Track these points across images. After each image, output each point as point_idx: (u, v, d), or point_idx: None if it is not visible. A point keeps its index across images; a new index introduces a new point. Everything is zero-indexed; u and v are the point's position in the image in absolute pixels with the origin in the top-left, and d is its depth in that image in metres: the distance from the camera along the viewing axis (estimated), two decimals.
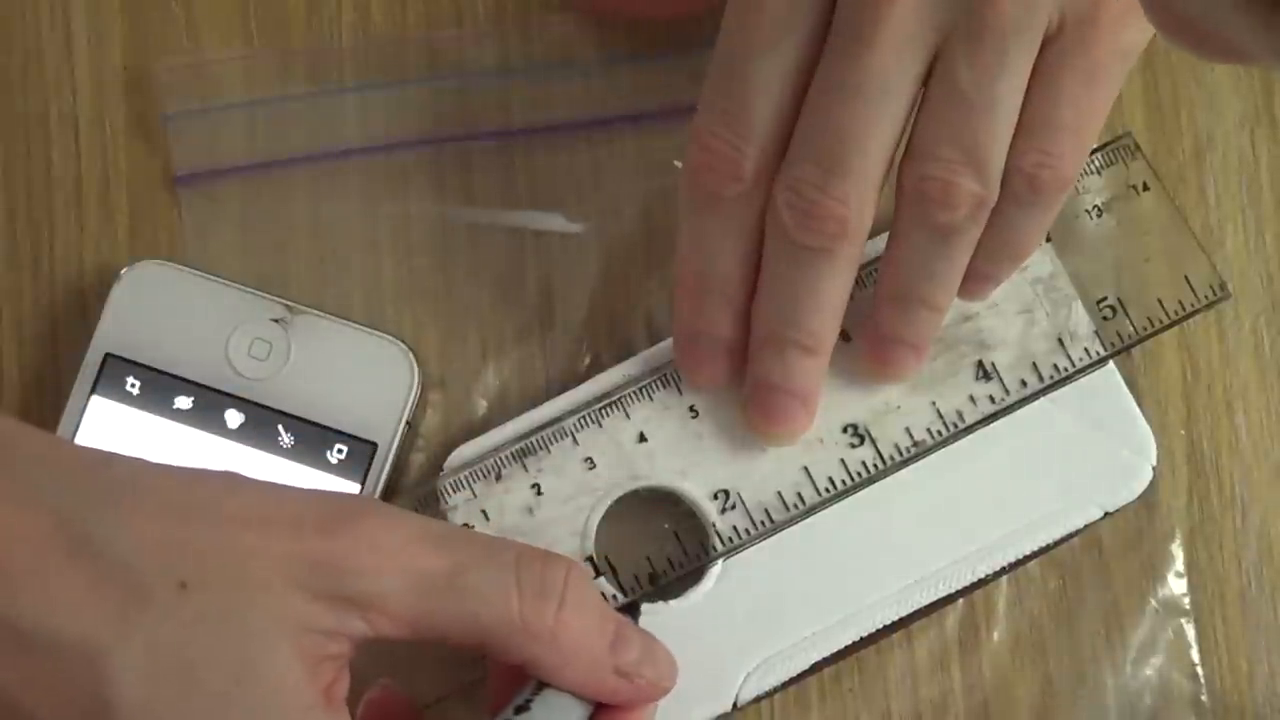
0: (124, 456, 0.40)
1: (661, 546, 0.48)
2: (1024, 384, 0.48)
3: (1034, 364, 0.48)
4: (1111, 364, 0.49)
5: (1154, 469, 0.49)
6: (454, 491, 0.47)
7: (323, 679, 0.39)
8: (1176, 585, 0.51)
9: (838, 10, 0.42)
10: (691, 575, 0.48)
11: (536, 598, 0.40)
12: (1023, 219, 0.44)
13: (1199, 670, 0.51)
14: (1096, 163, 0.49)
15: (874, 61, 0.42)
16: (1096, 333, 0.49)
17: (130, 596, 0.37)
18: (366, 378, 0.49)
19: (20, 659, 0.37)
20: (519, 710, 0.41)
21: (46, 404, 0.50)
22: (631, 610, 0.47)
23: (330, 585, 0.38)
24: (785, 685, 0.48)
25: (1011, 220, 0.44)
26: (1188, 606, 0.51)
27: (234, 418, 0.49)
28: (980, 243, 0.44)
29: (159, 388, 0.49)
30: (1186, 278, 0.49)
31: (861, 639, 0.48)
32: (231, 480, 0.40)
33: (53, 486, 0.38)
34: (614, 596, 0.47)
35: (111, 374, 0.49)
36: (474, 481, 0.47)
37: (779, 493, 0.48)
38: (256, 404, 0.49)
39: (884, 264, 0.45)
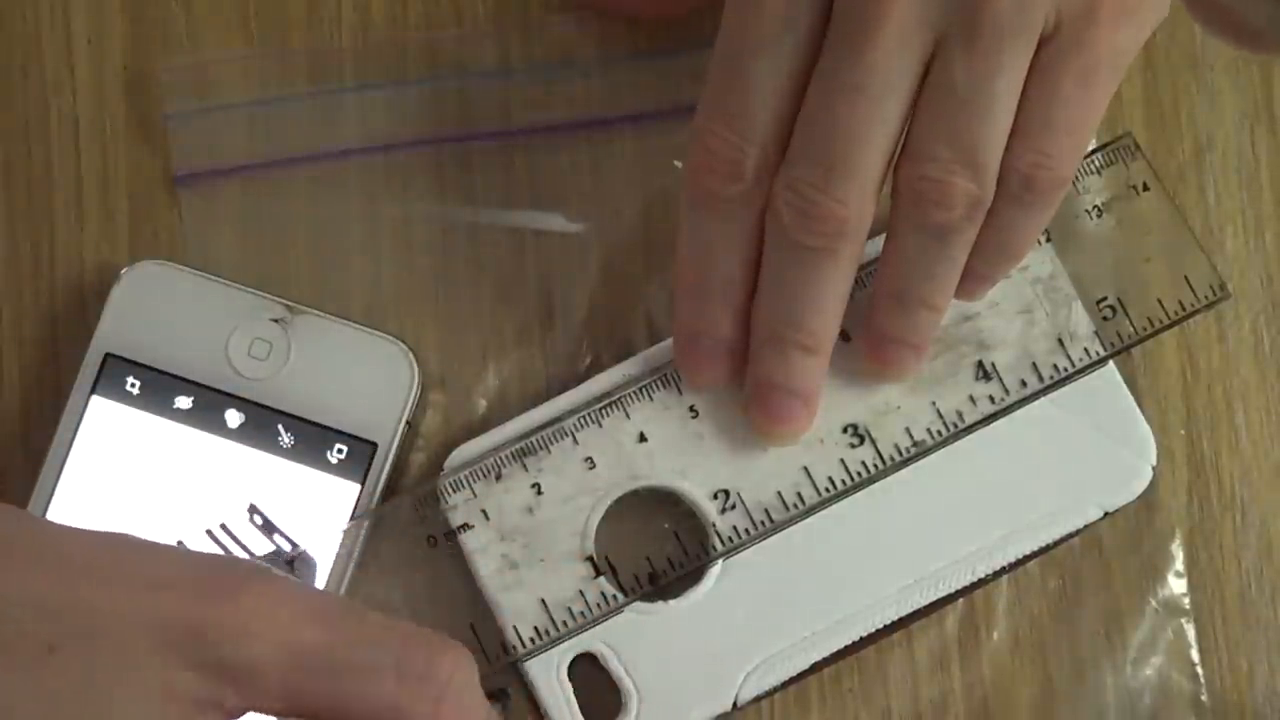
0: (10, 509, 0.39)
1: (661, 546, 0.48)
2: (1024, 384, 0.48)
3: (1034, 364, 0.48)
4: (1111, 364, 0.49)
5: (1154, 469, 0.49)
6: (454, 491, 0.47)
7: None
8: (1176, 585, 0.51)
9: (836, 9, 0.42)
10: (691, 575, 0.48)
11: (417, 683, 0.39)
12: (1019, 219, 0.44)
13: (1199, 670, 0.51)
14: (1096, 163, 0.49)
15: (872, 61, 0.42)
16: (1096, 333, 0.49)
17: None
18: (366, 378, 0.49)
19: None
20: None
21: (46, 404, 0.50)
22: (503, 696, 0.47)
23: (205, 654, 0.37)
24: (785, 685, 0.48)
25: (1008, 220, 0.44)
26: (1187, 606, 0.51)
27: (234, 418, 0.49)
28: (977, 242, 0.44)
29: (159, 388, 0.49)
30: (1186, 278, 0.49)
31: (861, 639, 0.48)
32: (115, 540, 0.39)
33: None
34: (485, 677, 0.46)
35: (111, 374, 0.49)
36: (474, 481, 0.47)
37: (779, 493, 0.48)
38: (256, 404, 0.49)
39: (881, 264, 0.45)
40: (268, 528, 0.48)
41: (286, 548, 0.48)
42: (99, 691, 0.37)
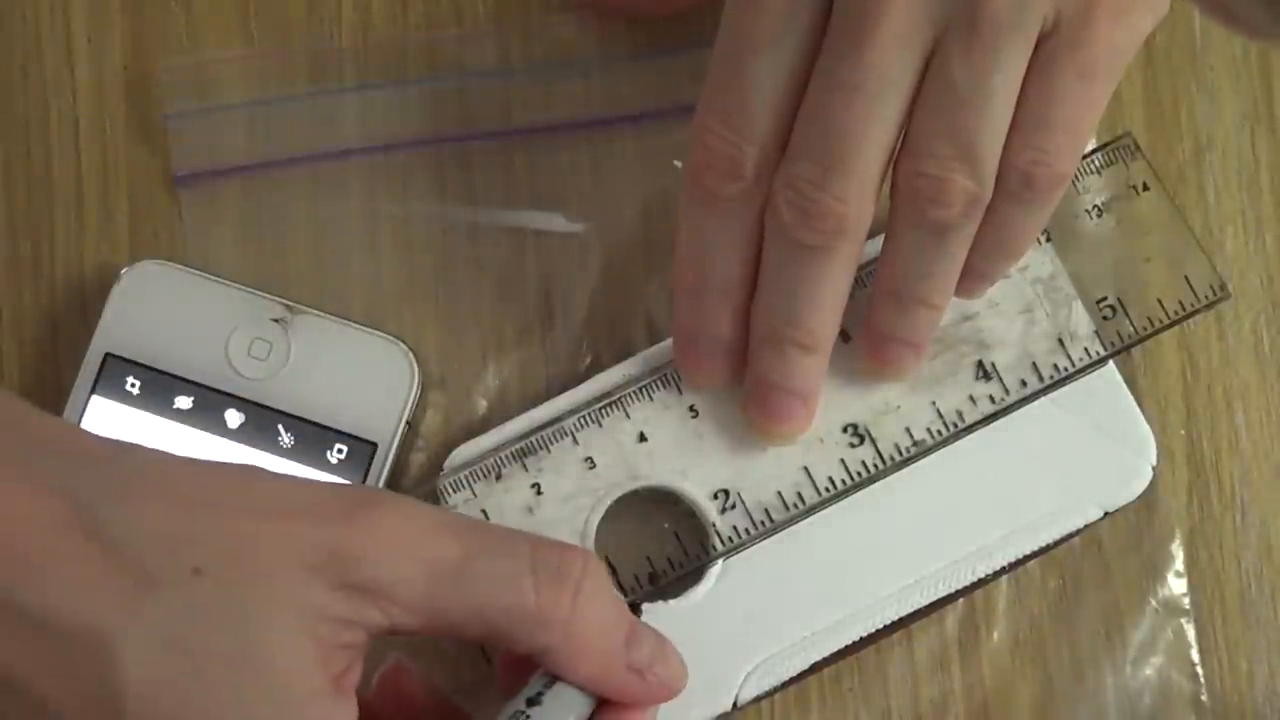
0: (141, 446, 0.40)
1: (661, 546, 0.48)
2: (1024, 384, 0.48)
3: (1034, 364, 0.48)
4: (1111, 364, 0.49)
5: (1154, 469, 0.49)
6: (454, 491, 0.47)
7: (334, 668, 0.39)
8: (1176, 585, 0.51)
9: (836, 7, 0.42)
10: (691, 575, 0.48)
11: (553, 585, 0.40)
12: (1018, 216, 0.44)
13: (1199, 670, 0.51)
14: (1096, 163, 0.49)
15: (871, 59, 0.42)
16: (1096, 333, 0.49)
17: (141, 581, 0.37)
18: (366, 378, 0.49)
19: (29, 642, 0.37)
20: (530, 702, 0.41)
21: (47, 404, 0.50)
22: (634, 610, 0.47)
23: (345, 574, 0.38)
24: (785, 685, 0.48)
25: (1007, 217, 0.44)
26: (1187, 606, 0.51)
27: (234, 418, 0.49)
28: (976, 240, 0.44)
29: (159, 388, 0.49)
30: (1186, 278, 0.49)
31: (861, 639, 0.48)
32: (248, 472, 0.40)
33: (68, 473, 0.38)
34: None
35: (111, 374, 0.49)
36: (474, 481, 0.47)
37: (779, 493, 0.48)
38: (256, 404, 0.49)
39: (880, 262, 0.45)
40: None
41: None
42: (247, 610, 0.37)
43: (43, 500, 0.38)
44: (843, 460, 0.48)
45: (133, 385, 0.49)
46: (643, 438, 0.48)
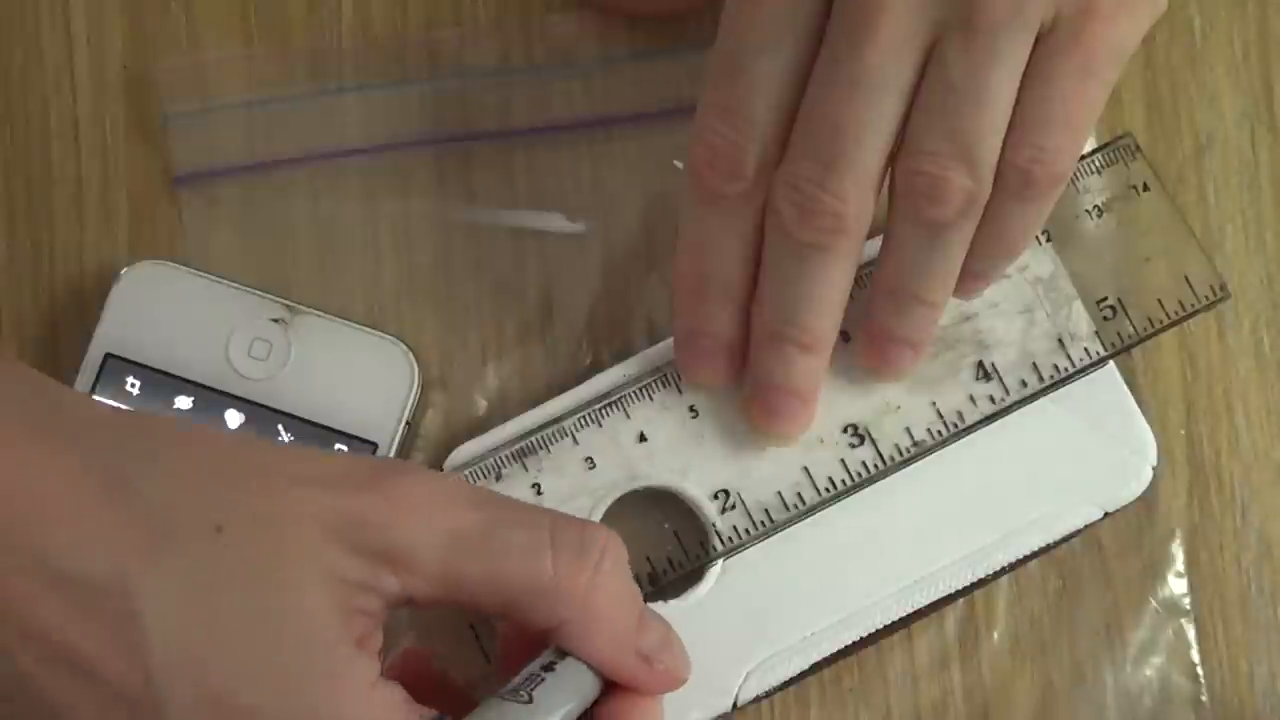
0: (159, 416, 0.40)
1: (661, 546, 0.48)
2: (1024, 384, 0.48)
3: (1034, 364, 0.48)
4: (1111, 364, 0.49)
5: (1154, 469, 0.49)
6: None
7: (354, 630, 0.39)
8: (1176, 585, 0.51)
9: (835, 7, 0.43)
10: (691, 575, 0.48)
11: (573, 558, 0.40)
12: (1017, 214, 0.44)
13: (1199, 670, 0.51)
14: (1097, 163, 0.49)
15: (871, 57, 0.42)
16: (1096, 333, 0.49)
17: (164, 536, 0.37)
18: (366, 378, 0.49)
19: (52, 595, 0.37)
20: (545, 668, 0.40)
21: None
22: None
23: (365, 539, 0.38)
24: (785, 685, 0.48)
25: (1005, 216, 0.44)
26: (1188, 606, 0.51)
27: (234, 418, 0.49)
28: (974, 239, 0.44)
29: (159, 388, 0.49)
30: (1186, 278, 0.49)
31: (861, 639, 0.48)
32: (267, 442, 0.40)
33: (87, 435, 0.39)
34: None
35: (111, 374, 0.49)
36: (474, 481, 0.47)
37: (779, 493, 0.48)
38: (256, 404, 0.49)
39: (879, 261, 0.45)
40: None
41: None
42: (268, 565, 0.38)
43: (63, 459, 0.38)
44: (843, 460, 0.48)
45: (133, 385, 0.49)
46: (643, 438, 0.48)
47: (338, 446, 0.49)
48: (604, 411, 0.48)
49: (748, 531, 0.48)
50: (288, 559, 0.38)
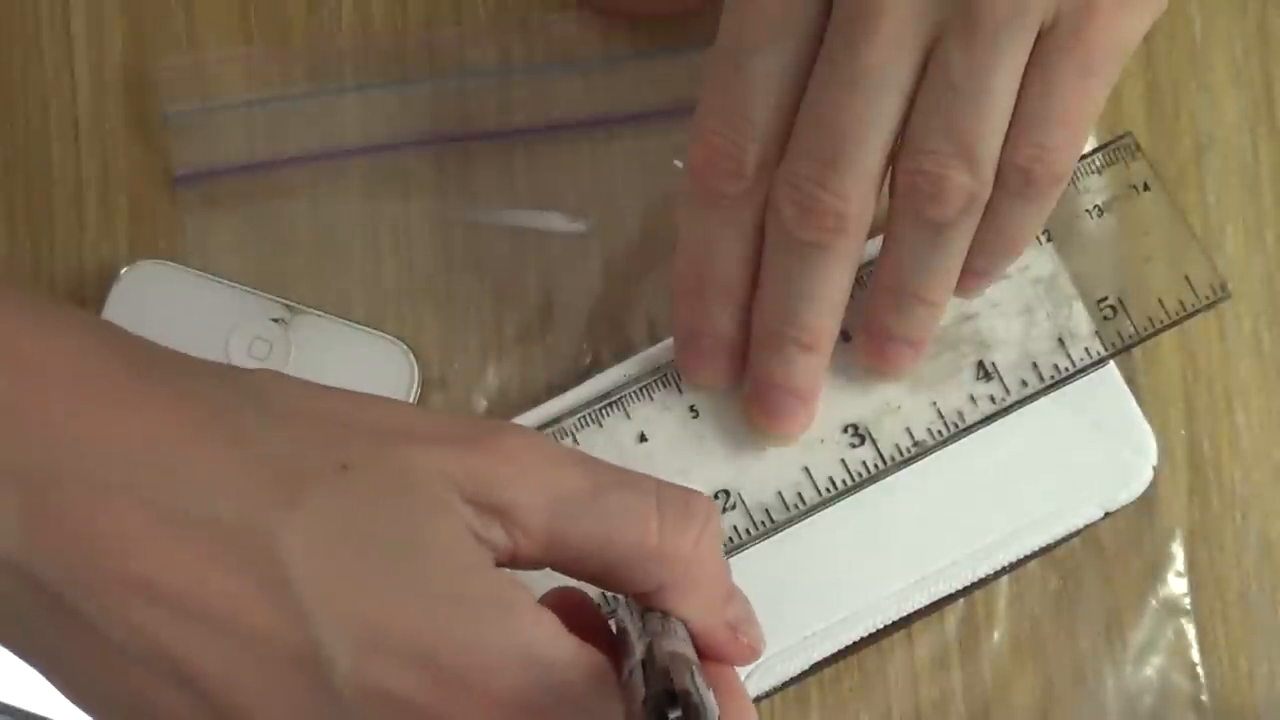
0: (257, 370, 0.40)
1: None
2: (1024, 384, 0.48)
3: (1034, 364, 0.48)
4: (1112, 364, 0.49)
5: (1154, 469, 0.49)
6: None
7: None
8: (1176, 585, 0.51)
9: (835, 6, 0.43)
10: None
11: (679, 522, 0.39)
12: (1018, 213, 0.44)
13: (1199, 670, 0.51)
14: (1097, 163, 0.49)
15: (871, 56, 0.42)
16: (1097, 333, 0.49)
17: (290, 476, 0.37)
18: (367, 378, 0.49)
19: (185, 549, 0.36)
20: (663, 616, 0.40)
21: None
22: None
23: (476, 490, 0.38)
24: (785, 685, 0.48)
25: (1006, 214, 0.44)
26: (1188, 606, 0.51)
27: None
28: (975, 238, 0.45)
29: None
30: (1187, 277, 0.49)
31: (861, 639, 0.48)
32: (372, 395, 0.40)
33: (195, 386, 0.38)
34: None
35: None
36: None
37: (779, 493, 0.48)
38: None
39: (880, 260, 0.45)
40: None
41: None
42: (400, 501, 0.37)
43: (181, 408, 0.37)
44: (843, 460, 0.48)
45: None
46: (643, 438, 0.48)
47: None
48: (604, 411, 0.48)
49: (748, 531, 0.48)
50: (417, 493, 0.37)
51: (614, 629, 0.41)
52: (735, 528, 0.48)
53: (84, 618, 0.36)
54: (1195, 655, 0.51)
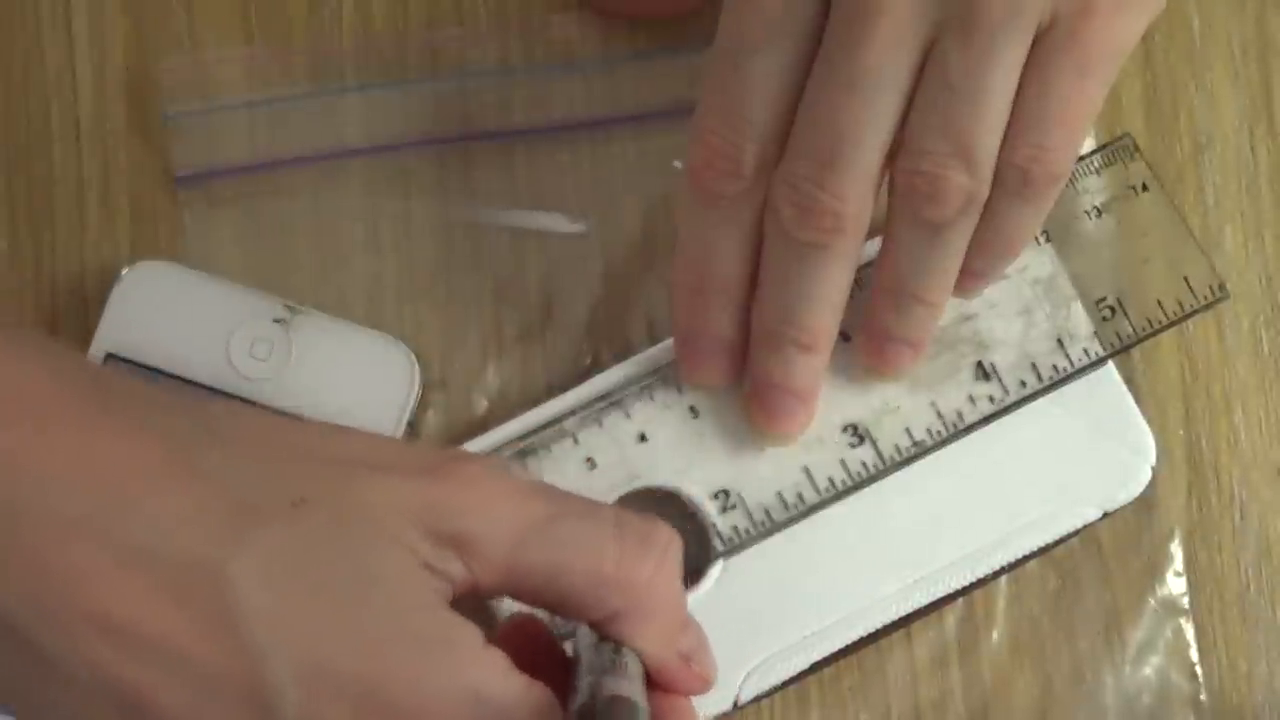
0: (217, 401, 0.40)
1: None
2: (1023, 384, 0.48)
3: (1033, 364, 0.48)
4: (1111, 364, 0.49)
5: (1153, 469, 0.49)
6: None
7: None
8: (1175, 585, 0.51)
9: (833, 6, 0.43)
10: (692, 575, 0.48)
11: (637, 550, 0.39)
12: (1016, 213, 0.44)
13: (1198, 670, 0.51)
14: (1096, 163, 0.49)
15: (869, 57, 0.42)
16: (1096, 333, 0.49)
17: (244, 512, 0.37)
18: (367, 378, 0.49)
19: (139, 581, 0.36)
20: (616, 647, 0.40)
21: None
22: None
23: (434, 521, 0.38)
24: (785, 685, 0.48)
25: (1005, 214, 0.44)
26: (1187, 606, 0.51)
27: None
28: (973, 238, 0.45)
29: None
30: (1185, 278, 0.49)
31: (861, 639, 0.48)
32: (334, 427, 0.40)
33: (155, 419, 0.38)
34: None
35: None
36: None
37: (779, 493, 0.48)
38: (258, 404, 0.49)
39: (878, 261, 0.45)
40: None
41: None
42: (353, 536, 0.37)
43: (134, 441, 0.37)
44: (843, 460, 0.48)
45: None
46: (643, 438, 0.48)
47: None
48: (604, 411, 0.48)
49: (748, 531, 0.48)
50: (370, 529, 0.37)
51: (570, 653, 0.41)
52: (735, 528, 0.48)
53: (39, 649, 0.36)
54: (1194, 655, 0.51)
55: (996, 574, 0.49)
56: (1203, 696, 0.51)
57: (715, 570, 0.48)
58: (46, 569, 0.36)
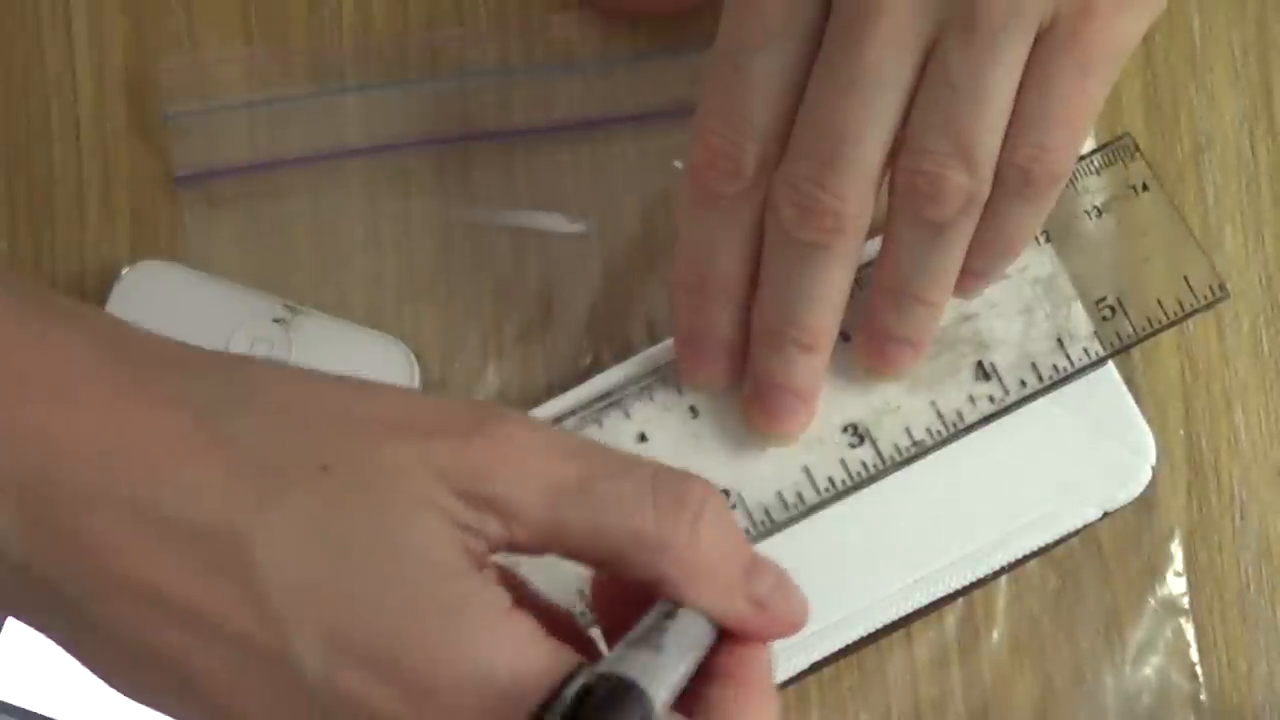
0: (255, 359, 0.40)
1: None
2: (1023, 384, 0.48)
3: (1033, 364, 0.48)
4: (1111, 364, 0.49)
5: (1153, 469, 0.49)
6: None
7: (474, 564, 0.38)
8: (1175, 585, 0.51)
9: (834, 6, 0.43)
10: None
11: (673, 508, 0.38)
12: (1016, 213, 0.44)
13: (1198, 670, 0.51)
14: (1096, 163, 0.49)
15: (870, 57, 0.42)
16: (1096, 333, 0.49)
17: (269, 479, 0.37)
18: (367, 377, 0.49)
19: (168, 553, 0.36)
20: (666, 616, 0.39)
21: None
22: None
23: (468, 483, 0.37)
24: (785, 685, 0.48)
25: (1005, 214, 0.44)
26: (1187, 606, 0.51)
27: None
28: (974, 238, 0.45)
29: None
30: (1186, 278, 0.49)
31: (861, 638, 0.48)
32: (369, 384, 0.39)
33: (184, 385, 0.38)
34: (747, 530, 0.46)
35: None
36: None
37: (779, 493, 0.48)
38: None
39: (879, 260, 0.45)
40: None
41: None
42: (379, 500, 0.37)
43: (162, 411, 0.37)
44: (843, 460, 0.48)
45: None
46: (643, 438, 0.48)
47: None
48: (604, 411, 0.48)
49: (748, 531, 0.48)
50: (398, 493, 0.37)
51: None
52: None
53: (84, 613, 0.37)
54: (1194, 655, 0.51)
55: (996, 574, 0.49)
56: (1203, 696, 0.51)
57: None
58: (79, 539, 0.36)
